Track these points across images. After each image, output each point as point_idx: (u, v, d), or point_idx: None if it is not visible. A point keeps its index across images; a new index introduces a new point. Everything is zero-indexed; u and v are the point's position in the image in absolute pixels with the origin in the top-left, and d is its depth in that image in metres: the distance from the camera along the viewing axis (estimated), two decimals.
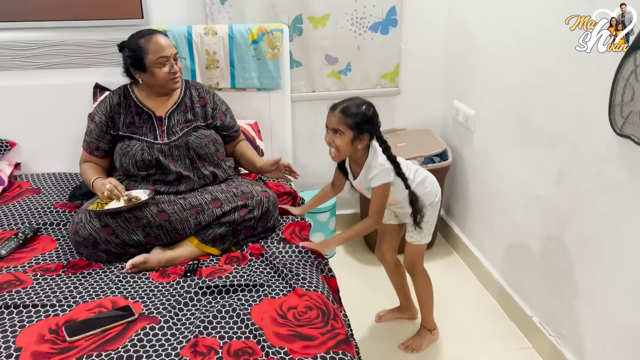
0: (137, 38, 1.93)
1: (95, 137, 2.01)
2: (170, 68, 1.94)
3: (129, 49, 1.93)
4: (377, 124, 1.79)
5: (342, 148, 1.76)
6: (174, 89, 2.02)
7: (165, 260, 1.78)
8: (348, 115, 1.73)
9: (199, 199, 1.87)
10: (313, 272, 1.69)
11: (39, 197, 2.21)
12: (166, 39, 1.95)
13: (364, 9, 2.65)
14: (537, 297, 2.12)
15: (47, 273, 1.71)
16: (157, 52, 1.90)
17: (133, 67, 1.95)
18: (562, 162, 1.89)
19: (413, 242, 2.00)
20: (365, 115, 1.74)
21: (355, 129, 1.73)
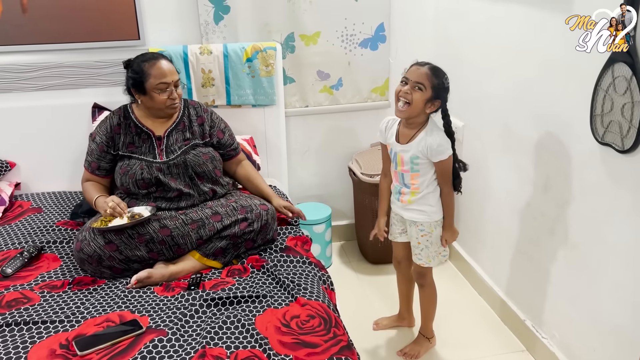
0: (142, 61, 1.99)
1: (96, 157, 2.07)
2: (170, 94, 2.00)
3: (132, 70, 1.99)
4: (447, 98, 1.87)
5: (417, 103, 1.83)
6: (171, 114, 2.08)
7: (169, 274, 1.83)
8: (435, 75, 1.83)
9: (199, 213, 1.93)
10: (314, 283, 1.75)
11: (41, 216, 2.26)
12: (169, 65, 2.01)
13: (354, 26, 2.74)
14: (529, 301, 2.19)
15: (54, 290, 1.75)
16: (159, 77, 1.96)
17: (134, 88, 2.01)
18: (547, 169, 1.97)
19: (421, 264, 2.05)
20: (448, 82, 1.85)
21: (436, 89, 1.82)
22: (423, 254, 2.02)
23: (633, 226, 1.59)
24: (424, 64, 1.86)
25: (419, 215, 1.98)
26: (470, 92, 2.50)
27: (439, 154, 1.87)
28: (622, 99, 1.53)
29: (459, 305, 2.49)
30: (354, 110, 2.89)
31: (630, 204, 1.59)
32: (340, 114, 2.89)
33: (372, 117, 2.93)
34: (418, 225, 1.99)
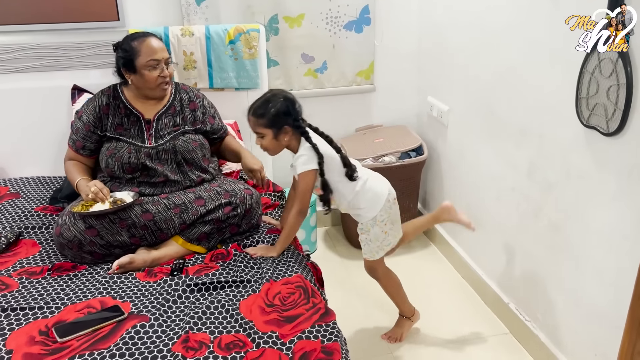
0: (131, 40, 1.95)
1: (81, 136, 2.02)
2: (161, 72, 1.96)
3: (122, 49, 1.95)
4: (293, 113, 1.78)
5: (270, 147, 1.82)
6: (162, 94, 2.03)
7: (151, 260, 1.80)
8: (259, 116, 1.77)
9: (182, 198, 1.90)
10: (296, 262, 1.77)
11: (19, 201, 2.20)
12: (159, 43, 1.97)
13: (338, 8, 2.70)
14: (512, 284, 2.20)
15: (33, 276, 1.71)
16: (149, 54, 1.92)
17: (124, 67, 1.96)
18: (531, 153, 1.97)
19: (367, 258, 2.05)
20: (274, 109, 1.75)
21: (272, 126, 1.77)
22: (366, 249, 2.02)
23: (617, 209, 1.60)
24: (249, 111, 1.81)
25: (356, 217, 1.99)
26: (455, 75, 2.49)
27: (296, 167, 1.81)
28: (607, 82, 1.53)
29: (442, 289, 2.51)
30: (339, 94, 2.87)
31: (614, 187, 1.60)
32: (325, 98, 2.86)
33: (358, 101, 2.91)
34: (358, 224, 2.00)
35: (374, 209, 1.92)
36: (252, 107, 1.80)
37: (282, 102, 1.78)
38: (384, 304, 2.39)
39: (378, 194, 1.91)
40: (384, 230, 1.95)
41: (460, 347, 2.14)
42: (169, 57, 2.01)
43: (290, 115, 1.79)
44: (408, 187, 2.72)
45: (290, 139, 1.82)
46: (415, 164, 2.66)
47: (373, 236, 1.96)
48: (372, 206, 1.91)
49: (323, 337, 1.42)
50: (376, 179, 1.95)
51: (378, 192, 1.91)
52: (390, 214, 1.95)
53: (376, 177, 1.96)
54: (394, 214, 1.97)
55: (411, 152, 2.72)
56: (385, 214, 1.93)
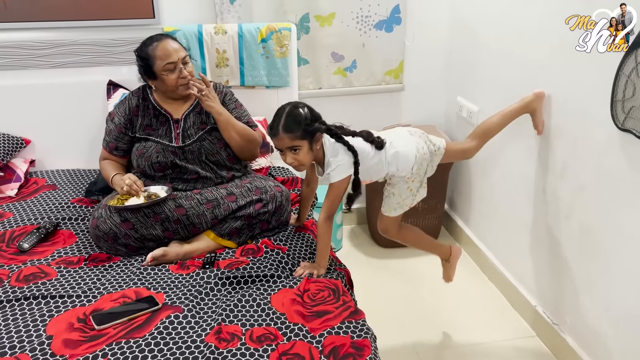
0: (146, 46, 1.98)
1: (114, 138, 2.07)
2: (179, 73, 1.97)
3: (140, 58, 1.99)
4: (319, 117, 1.73)
5: (305, 159, 1.71)
6: (185, 94, 2.05)
7: (184, 253, 1.84)
8: (291, 130, 1.66)
9: (214, 193, 1.93)
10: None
11: (56, 192, 2.27)
12: (174, 43, 1.98)
13: (369, 7, 2.71)
14: (540, 287, 2.19)
15: (70, 266, 1.77)
16: (164, 58, 1.94)
17: (145, 75, 2.01)
18: (564, 154, 1.96)
19: (383, 212, 1.99)
20: (305, 118, 1.67)
21: (307, 135, 1.67)
22: (386, 202, 1.96)
23: None
24: (276, 131, 1.68)
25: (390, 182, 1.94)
26: (486, 75, 2.48)
27: (331, 176, 1.75)
28: None
29: (468, 290, 2.50)
30: (367, 92, 2.88)
31: None
32: (353, 97, 2.88)
33: (386, 100, 2.91)
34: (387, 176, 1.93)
35: (405, 169, 1.85)
36: (279, 125, 1.67)
37: (307, 110, 1.70)
38: (410, 303, 2.40)
39: (406, 153, 1.84)
40: (410, 188, 1.90)
41: (486, 349, 2.14)
42: (187, 55, 2.00)
43: (318, 120, 1.72)
44: (435, 188, 2.72)
45: (320, 147, 1.75)
46: (443, 164, 2.64)
47: (397, 190, 1.91)
48: (404, 167, 1.85)
49: (353, 332, 1.44)
50: (401, 139, 1.88)
51: (406, 152, 1.84)
52: (420, 173, 1.89)
53: (402, 137, 1.89)
54: (422, 173, 1.92)
55: None
56: (415, 173, 1.88)
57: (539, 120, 2.03)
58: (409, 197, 1.94)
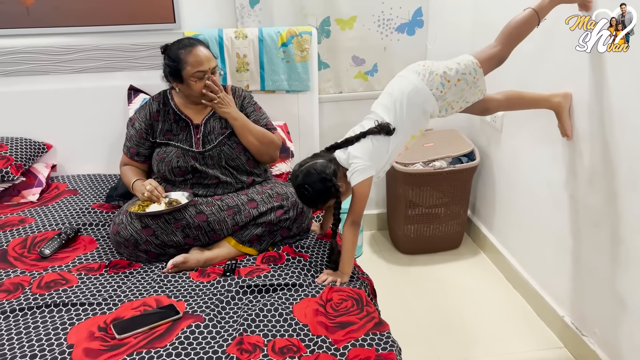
0: (178, 48, 1.94)
1: (135, 143, 2.06)
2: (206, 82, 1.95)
3: (169, 58, 1.96)
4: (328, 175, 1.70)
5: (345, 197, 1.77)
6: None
7: (204, 260, 1.82)
8: (316, 204, 1.77)
9: (235, 200, 1.91)
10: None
11: (76, 198, 2.27)
12: (207, 52, 1.95)
13: (391, 10, 2.67)
14: (568, 297, 2.13)
15: (91, 272, 1.76)
16: (196, 65, 1.92)
17: (171, 76, 1.98)
18: (594, 160, 1.90)
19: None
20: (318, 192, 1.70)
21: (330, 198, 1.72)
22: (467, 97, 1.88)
23: None
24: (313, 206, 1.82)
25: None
26: (511, 79, 2.42)
27: (352, 180, 1.73)
28: None
29: (493, 299, 2.44)
30: None
31: None
32: (374, 101, 2.83)
33: None
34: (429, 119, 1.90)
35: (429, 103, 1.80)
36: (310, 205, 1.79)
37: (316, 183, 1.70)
38: (432, 312, 2.35)
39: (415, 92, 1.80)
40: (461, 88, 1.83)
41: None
42: (216, 65, 1.99)
43: (329, 181, 1.70)
44: (458, 193, 2.67)
45: (344, 181, 1.76)
46: (467, 169, 2.60)
47: (454, 98, 1.82)
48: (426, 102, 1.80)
49: (378, 345, 1.40)
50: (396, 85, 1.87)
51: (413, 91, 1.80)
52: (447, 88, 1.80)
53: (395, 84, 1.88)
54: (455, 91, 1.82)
55: (462, 157, 2.66)
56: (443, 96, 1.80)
57: (566, 123, 1.96)
58: (465, 90, 1.84)
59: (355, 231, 1.75)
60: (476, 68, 1.85)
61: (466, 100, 1.89)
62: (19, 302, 1.59)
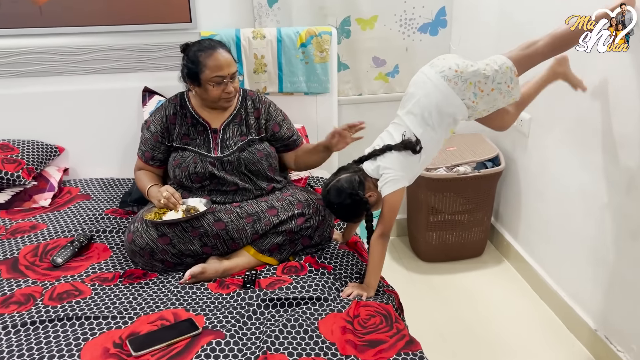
0: (198, 50, 1.85)
1: (150, 147, 1.98)
2: (225, 88, 1.86)
3: (188, 59, 1.87)
4: (354, 190, 1.67)
5: (377, 208, 1.74)
6: (226, 107, 1.95)
7: (223, 270, 1.74)
8: (350, 219, 1.83)
9: (255, 207, 1.83)
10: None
11: (89, 203, 2.20)
12: (227, 56, 1.85)
13: (413, 9, 2.58)
14: (601, 309, 2.03)
15: (105, 283, 1.69)
16: (215, 70, 1.82)
17: (189, 78, 1.89)
18: (632, 167, 1.80)
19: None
20: (347, 208, 1.71)
21: (362, 210, 1.70)
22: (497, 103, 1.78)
23: None
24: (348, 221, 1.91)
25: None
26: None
27: (383, 190, 1.69)
28: None
29: (519, 310, 2.35)
30: None
31: None
32: (395, 103, 2.68)
33: None
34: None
35: (461, 113, 1.72)
36: (343, 220, 1.88)
37: (344, 200, 1.69)
38: (455, 323, 2.26)
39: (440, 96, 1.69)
40: (494, 98, 1.72)
41: None
42: (236, 69, 1.89)
43: (356, 195, 1.67)
44: (483, 199, 2.57)
45: (373, 194, 1.72)
46: (491, 175, 2.50)
47: (488, 100, 1.72)
48: (458, 112, 1.71)
49: None
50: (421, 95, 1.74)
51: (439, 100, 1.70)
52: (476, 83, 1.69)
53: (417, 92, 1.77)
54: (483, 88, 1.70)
55: (487, 162, 2.56)
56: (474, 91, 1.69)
57: (575, 80, 1.87)
58: (498, 97, 1.73)
59: (384, 243, 1.68)
60: (513, 76, 1.73)
61: (496, 108, 1.80)
62: (30, 314, 1.52)
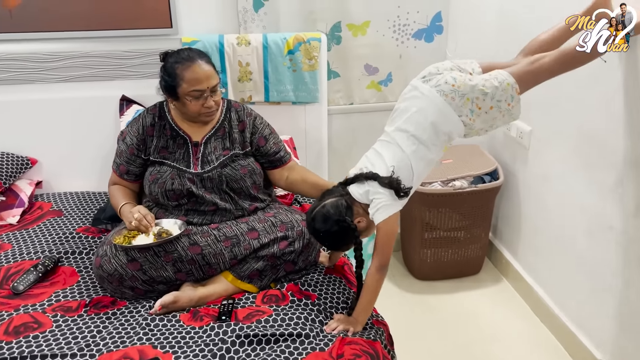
0: (175, 62, 1.71)
1: (125, 160, 1.85)
2: (204, 102, 1.73)
3: (165, 71, 1.73)
4: (342, 219, 1.49)
5: (368, 235, 1.60)
6: (206, 121, 1.82)
7: (197, 298, 1.61)
8: (338, 247, 1.63)
9: (234, 229, 1.70)
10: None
11: (61, 220, 2.07)
12: (207, 69, 1.71)
13: (407, 15, 2.45)
14: (606, 337, 1.89)
15: (68, 313, 1.55)
16: (193, 84, 1.69)
17: (166, 91, 1.76)
18: None
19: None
20: (335, 238, 1.53)
21: (350, 237, 1.51)
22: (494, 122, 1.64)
23: None
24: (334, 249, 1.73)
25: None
26: (539, 92, 2.18)
27: (375, 217, 1.51)
28: None
29: (518, 332, 2.22)
30: None
31: None
32: (388, 112, 2.51)
33: None
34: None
35: (457, 131, 1.57)
36: (330, 249, 1.70)
37: (331, 227, 1.50)
38: (451, 346, 2.12)
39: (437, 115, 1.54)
40: (492, 117, 1.58)
41: None
42: (218, 82, 1.75)
43: (343, 221, 1.49)
44: (480, 215, 2.44)
45: (362, 220, 1.55)
46: (489, 189, 2.37)
47: (486, 119, 1.58)
48: (455, 130, 1.57)
49: None
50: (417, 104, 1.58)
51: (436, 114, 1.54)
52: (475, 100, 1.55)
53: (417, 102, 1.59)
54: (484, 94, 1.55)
55: (485, 176, 2.43)
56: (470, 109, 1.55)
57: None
58: (497, 116, 1.59)
59: (381, 277, 1.52)
60: (514, 94, 1.58)
61: (495, 127, 1.66)
62: None
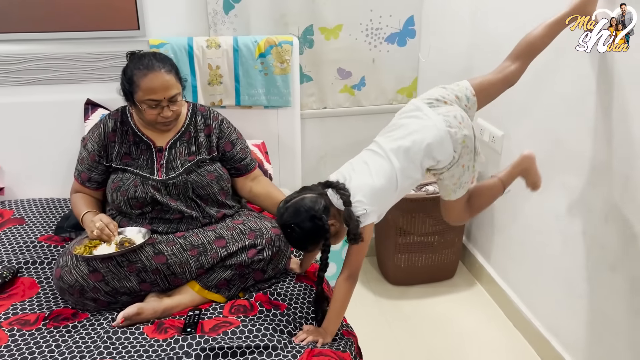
0: (135, 67, 1.65)
1: (87, 167, 1.78)
2: (160, 112, 1.67)
3: (124, 75, 1.68)
4: (319, 216, 1.42)
5: (340, 239, 1.55)
6: (164, 130, 1.77)
7: (162, 309, 1.56)
8: (303, 244, 1.51)
9: (201, 237, 1.65)
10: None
11: (22, 228, 1.99)
12: (166, 79, 1.64)
13: (380, 18, 2.44)
14: (580, 344, 1.89)
15: (26, 327, 1.48)
16: (148, 93, 1.63)
17: (124, 95, 1.70)
18: (611, 195, 1.67)
19: (442, 197, 1.67)
20: (306, 234, 1.44)
21: (320, 238, 1.45)
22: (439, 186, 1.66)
23: None
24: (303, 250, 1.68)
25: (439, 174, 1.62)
26: (513, 97, 2.18)
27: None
28: None
29: (492, 338, 2.21)
30: (377, 112, 2.60)
31: None
32: (362, 117, 2.60)
33: None
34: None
35: (445, 160, 1.52)
36: (293, 245, 1.54)
37: (304, 222, 1.43)
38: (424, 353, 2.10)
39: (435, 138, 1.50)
40: (462, 164, 1.56)
41: None
42: (177, 93, 1.68)
43: (319, 219, 1.43)
44: None
45: (336, 225, 1.49)
46: None
47: (447, 176, 1.58)
48: (446, 152, 1.51)
49: None
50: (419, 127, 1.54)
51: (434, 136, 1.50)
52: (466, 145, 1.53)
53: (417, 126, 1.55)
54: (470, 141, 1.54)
55: None
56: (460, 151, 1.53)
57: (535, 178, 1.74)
58: (465, 173, 1.59)
59: (351, 287, 1.48)
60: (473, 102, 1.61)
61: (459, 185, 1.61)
62: None
